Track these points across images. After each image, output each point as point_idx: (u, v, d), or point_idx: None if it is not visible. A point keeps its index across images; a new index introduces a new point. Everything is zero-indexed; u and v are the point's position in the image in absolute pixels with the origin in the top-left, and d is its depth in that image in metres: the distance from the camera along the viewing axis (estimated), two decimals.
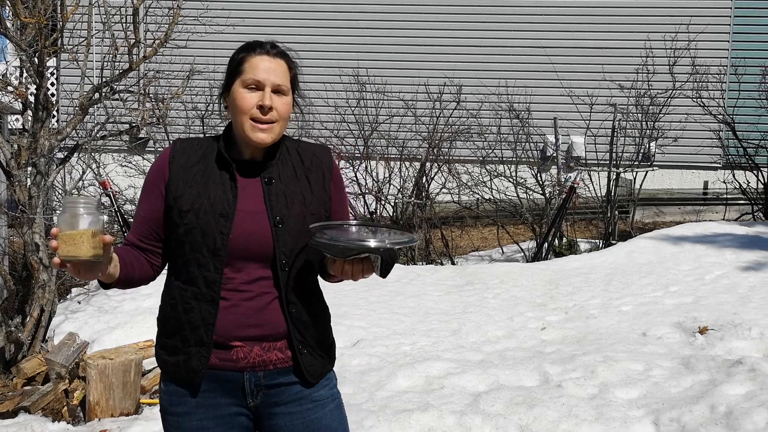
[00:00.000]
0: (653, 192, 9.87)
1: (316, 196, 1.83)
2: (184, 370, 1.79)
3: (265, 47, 1.79)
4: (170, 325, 1.81)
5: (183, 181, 1.79)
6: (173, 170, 1.80)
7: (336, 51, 10.34)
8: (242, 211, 1.77)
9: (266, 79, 1.76)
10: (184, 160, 1.81)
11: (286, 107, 1.78)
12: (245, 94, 1.76)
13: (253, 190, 1.79)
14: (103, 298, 5.81)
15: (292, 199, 1.80)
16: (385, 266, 1.71)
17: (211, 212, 1.75)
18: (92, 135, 4.81)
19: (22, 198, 4.16)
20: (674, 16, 10.10)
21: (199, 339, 1.76)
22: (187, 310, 1.77)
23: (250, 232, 1.76)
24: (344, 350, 4.59)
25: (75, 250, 1.54)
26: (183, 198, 1.77)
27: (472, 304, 5.52)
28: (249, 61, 1.77)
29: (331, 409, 1.86)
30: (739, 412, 3.23)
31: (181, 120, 8.18)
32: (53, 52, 4.27)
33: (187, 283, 1.77)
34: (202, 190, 1.77)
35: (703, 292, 5.34)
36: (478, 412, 3.43)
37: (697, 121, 9.47)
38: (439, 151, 8.16)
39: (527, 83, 9.64)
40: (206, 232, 1.74)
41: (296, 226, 1.78)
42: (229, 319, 1.76)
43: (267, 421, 1.83)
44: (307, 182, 1.83)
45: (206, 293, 1.75)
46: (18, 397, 3.92)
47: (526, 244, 7.97)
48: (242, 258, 1.76)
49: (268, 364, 1.78)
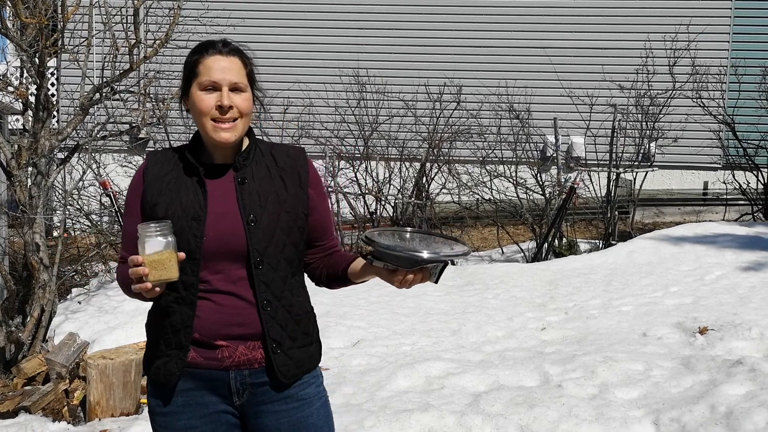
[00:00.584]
0: (653, 192, 9.88)
1: (292, 195, 1.83)
2: (162, 373, 1.81)
3: (217, 46, 1.80)
4: (155, 330, 1.84)
5: (157, 190, 1.81)
6: (147, 181, 1.83)
7: (336, 51, 10.34)
8: (214, 213, 1.78)
9: (222, 78, 1.77)
10: (157, 170, 1.83)
11: (245, 103, 1.79)
12: (203, 96, 1.77)
13: (225, 191, 1.80)
14: (103, 299, 5.82)
15: (265, 198, 1.80)
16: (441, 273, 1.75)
17: (183, 217, 1.77)
18: (93, 135, 4.81)
19: (23, 198, 4.16)
20: (674, 16, 10.10)
21: (178, 342, 1.79)
22: (170, 314, 1.80)
23: (223, 233, 1.77)
24: (344, 350, 4.59)
25: (165, 273, 1.68)
26: (158, 206, 1.79)
27: (472, 304, 5.52)
28: (203, 62, 1.78)
29: (317, 407, 1.86)
30: (739, 412, 3.24)
31: (181, 120, 8.18)
32: (54, 52, 4.27)
33: (168, 288, 1.78)
34: (174, 196, 1.79)
35: (703, 293, 5.35)
36: (479, 412, 3.44)
37: (697, 122, 9.47)
38: (439, 151, 8.17)
39: (527, 83, 9.64)
40: (180, 237, 1.75)
41: (270, 225, 1.79)
42: (212, 319, 1.77)
43: (253, 420, 1.83)
44: (281, 181, 1.83)
45: (185, 296, 1.78)
46: (18, 397, 3.92)
47: (526, 245, 7.98)
48: (218, 259, 1.77)
49: (253, 362, 1.79)
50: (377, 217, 7.96)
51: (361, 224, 8.02)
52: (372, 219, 7.90)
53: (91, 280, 6.96)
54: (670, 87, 8.45)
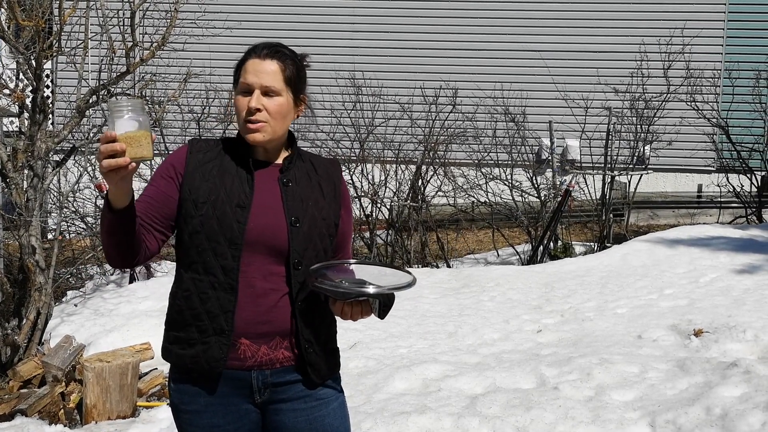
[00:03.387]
0: (648, 195, 9.91)
1: (328, 204, 1.88)
2: (204, 361, 1.79)
3: (258, 50, 1.84)
4: (185, 317, 1.82)
5: (200, 175, 1.82)
6: (191, 164, 1.83)
7: (332, 54, 10.35)
8: (258, 204, 1.81)
9: (254, 82, 1.81)
10: (201, 156, 1.85)
11: (276, 107, 1.82)
12: (239, 98, 1.84)
13: (270, 188, 1.84)
14: (99, 301, 5.81)
15: (306, 203, 1.84)
16: (383, 308, 1.79)
17: (228, 202, 1.79)
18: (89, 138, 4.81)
19: (19, 201, 4.16)
20: (669, 20, 10.14)
21: (219, 327, 1.78)
22: (204, 300, 1.79)
23: (266, 226, 1.80)
24: (341, 353, 4.59)
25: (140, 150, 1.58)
26: (200, 190, 1.81)
27: (468, 306, 5.53)
28: (245, 65, 1.84)
29: (335, 407, 1.90)
30: (735, 414, 3.25)
31: (177, 123, 8.18)
32: (51, 55, 4.27)
33: (203, 273, 1.79)
34: (218, 182, 1.82)
35: (697, 295, 5.37)
36: (475, 415, 3.44)
37: (691, 125, 9.51)
38: (434, 154, 8.18)
39: (523, 87, 9.67)
40: (223, 222, 1.77)
41: (310, 229, 1.83)
42: (241, 316, 1.79)
43: (272, 417, 1.86)
44: (320, 189, 1.88)
45: (224, 281, 1.78)
46: (14, 400, 3.91)
47: (521, 247, 8.00)
48: (257, 250, 1.79)
49: (275, 362, 1.82)
50: (373, 219, 7.97)
51: (357, 227, 8.02)
52: (368, 221, 7.90)
53: (86, 282, 6.95)
54: (664, 90, 8.48)
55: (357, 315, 1.79)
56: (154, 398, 4.21)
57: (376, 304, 1.78)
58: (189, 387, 1.83)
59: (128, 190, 1.66)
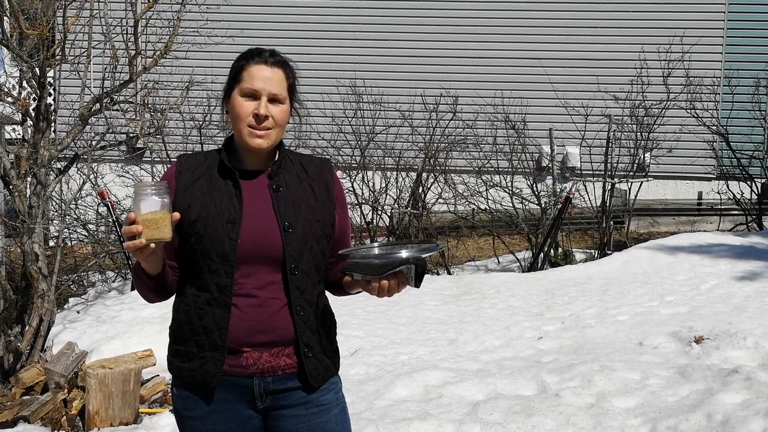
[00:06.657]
0: (648, 202, 9.93)
1: (321, 204, 1.88)
2: (200, 375, 1.82)
3: (264, 56, 1.83)
4: (184, 331, 1.85)
5: (190, 194, 1.83)
6: (180, 185, 1.85)
7: (333, 62, 10.39)
8: (250, 216, 1.81)
9: (263, 88, 1.80)
10: (189, 174, 1.86)
11: (282, 115, 1.83)
12: (243, 102, 1.81)
13: (260, 196, 1.84)
14: (101, 308, 5.81)
15: (298, 206, 1.84)
16: (418, 276, 1.75)
17: (218, 219, 1.80)
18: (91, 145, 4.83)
19: (23, 208, 4.18)
20: (668, 28, 10.19)
21: (213, 343, 1.80)
22: (201, 316, 1.81)
23: (259, 237, 1.80)
24: (342, 359, 4.58)
25: (158, 233, 1.66)
26: (191, 209, 1.82)
27: (469, 313, 5.54)
28: (247, 69, 1.82)
29: (336, 413, 1.90)
30: (736, 421, 3.26)
31: (179, 131, 8.21)
32: (54, 63, 4.30)
33: (200, 290, 1.81)
34: (208, 200, 1.82)
35: (698, 302, 5.37)
36: (477, 421, 3.45)
37: (691, 132, 9.54)
38: (435, 161, 8.21)
39: (523, 94, 9.70)
40: (215, 239, 1.78)
41: (305, 232, 1.83)
42: (241, 325, 1.80)
43: (274, 423, 1.88)
44: (311, 190, 1.88)
45: (219, 298, 1.80)
46: (17, 406, 3.92)
47: (522, 254, 8.01)
48: (252, 263, 1.80)
49: (276, 369, 1.83)
50: (374, 226, 7.98)
51: (357, 234, 8.04)
52: (369, 228, 7.92)
53: (88, 289, 6.96)
54: (664, 98, 8.51)
55: (394, 288, 1.74)
56: (157, 405, 4.22)
57: (412, 272, 1.73)
58: (192, 394, 1.85)
59: (158, 261, 1.75)
